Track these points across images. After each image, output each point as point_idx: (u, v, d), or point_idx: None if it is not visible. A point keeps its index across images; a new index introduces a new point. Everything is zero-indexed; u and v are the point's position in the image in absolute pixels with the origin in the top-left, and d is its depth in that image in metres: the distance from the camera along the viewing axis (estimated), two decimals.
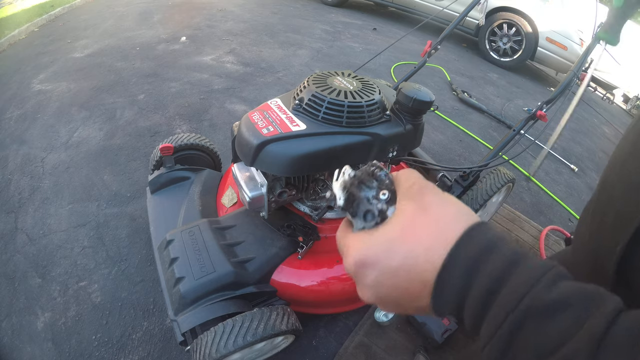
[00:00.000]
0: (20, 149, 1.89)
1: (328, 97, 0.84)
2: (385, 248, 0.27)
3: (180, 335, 0.86)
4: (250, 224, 1.06)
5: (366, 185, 0.32)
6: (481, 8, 3.74)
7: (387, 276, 0.27)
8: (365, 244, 0.29)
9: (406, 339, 1.19)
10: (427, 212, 0.28)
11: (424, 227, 0.27)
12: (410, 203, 0.29)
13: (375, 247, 0.28)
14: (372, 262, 0.28)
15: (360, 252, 0.28)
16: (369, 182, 0.33)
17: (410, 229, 0.27)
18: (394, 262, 0.27)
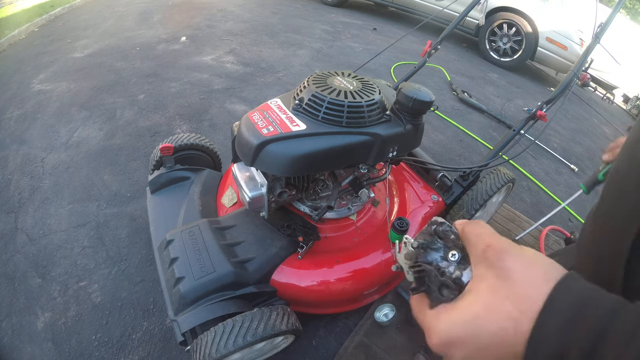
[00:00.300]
0: (20, 149, 1.89)
1: (328, 97, 0.84)
2: (470, 327, 0.26)
3: (180, 335, 0.86)
4: (250, 224, 1.06)
5: (432, 248, 0.32)
6: (481, 8, 3.74)
7: (477, 353, 0.26)
8: (448, 323, 0.27)
9: (406, 339, 1.19)
10: (510, 282, 0.25)
11: (508, 299, 0.25)
12: (488, 272, 0.27)
13: (460, 326, 0.27)
14: (459, 342, 0.27)
15: (445, 333, 0.27)
16: (433, 244, 0.32)
17: (493, 303, 0.25)
18: (482, 340, 0.26)
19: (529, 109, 3.03)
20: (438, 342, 0.28)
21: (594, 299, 0.23)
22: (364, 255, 1.07)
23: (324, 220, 1.11)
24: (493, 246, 0.27)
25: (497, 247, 0.27)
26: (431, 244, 0.31)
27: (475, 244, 0.28)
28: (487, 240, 0.28)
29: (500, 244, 0.27)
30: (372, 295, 1.22)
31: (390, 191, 1.29)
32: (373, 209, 1.20)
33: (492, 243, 0.27)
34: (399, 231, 1.04)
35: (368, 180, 1.08)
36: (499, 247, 0.27)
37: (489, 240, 0.28)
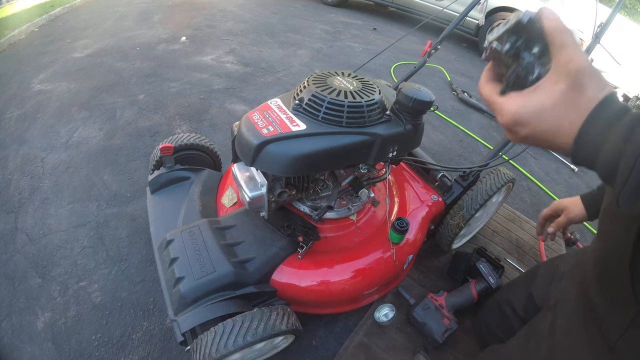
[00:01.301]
0: (20, 149, 1.89)
1: (328, 97, 0.84)
2: (536, 115, 0.34)
3: (180, 335, 0.86)
4: (250, 224, 1.06)
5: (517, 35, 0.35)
6: (481, 8, 3.74)
7: (537, 134, 0.35)
8: (519, 107, 0.35)
9: (406, 339, 1.19)
10: (579, 95, 0.32)
11: (572, 106, 0.32)
12: (565, 79, 0.32)
13: (528, 111, 0.34)
14: (525, 122, 0.35)
15: (515, 115, 0.35)
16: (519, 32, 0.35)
17: (560, 104, 0.32)
18: (543, 126, 0.34)
19: None
20: (508, 119, 0.36)
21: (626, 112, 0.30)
22: (364, 255, 1.07)
23: (324, 220, 1.11)
24: (575, 61, 0.31)
25: (580, 64, 0.31)
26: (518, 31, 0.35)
27: (559, 50, 0.32)
28: (572, 53, 0.32)
29: (582, 62, 0.31)
30: (372, 295, 1.22)
31: (390, 191, 1.29)
32: (373, 209, 1.20)
33: (574, 58, 0.31)
34: (399, 231, 1.04)
35: (368, 180, 1.08)
36: (580, 65, 0.31)
37: (573, 55, 0.32)
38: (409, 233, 1.15)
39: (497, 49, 0.37)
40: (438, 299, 1.19)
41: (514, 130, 0.36)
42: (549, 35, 0.33)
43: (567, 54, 0.32)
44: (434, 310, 1.16)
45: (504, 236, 1.63)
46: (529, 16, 0.34)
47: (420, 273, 1.42)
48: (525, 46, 0.35)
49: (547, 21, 0.33)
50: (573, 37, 0.33)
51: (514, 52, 0.36)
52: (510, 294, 1.03)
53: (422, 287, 1.37)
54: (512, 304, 0.98)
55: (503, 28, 0.36)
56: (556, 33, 0.33)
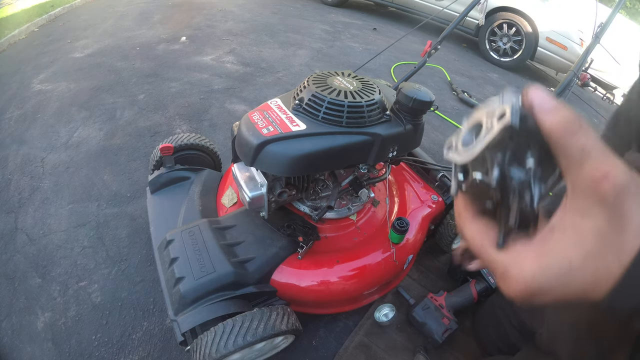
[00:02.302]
0: (20, 149, 1.89)
1: (328, 97, 0.84)
2: (563, 277, 0.21)
3: (180, 335, 0.86)
4: (250, 224, 1.06)
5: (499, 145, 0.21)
6: (481, 8, 3.74)
7: (562, 300, 0.22)
8: (536, 271, 0.22)
9: (406, 339, 1.19)
10: (624, 231, 0.19)
11: (614, 251, 0.20)
12: (598, 210, 0.20)
13: (551, 275, 0.21)
14: (546, 291, 0.22)
15: (533, 281, 0.22)
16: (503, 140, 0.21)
17: (596, 254, 0.20)
18: (571, 291, 0.22)
19: None
20: (521, 292, 0.23)
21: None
22: (364, 255, 1.07)
23: (324, 220, 1.11)
24: (611, 178, 0.19)
25: (617, 180, 0.19)
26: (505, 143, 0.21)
27: (579, 164, 0.20)
28: (602, 165, 0.19)
29: (619, 175, 0.19)
30: (372, 295, 1.22)
31: (390, 191, 1.29)
32: (373, 209, 1.20)
33: (610, 173, 0.19)
34: (399, 231, 1.04)
35: (368, 180, 1.08)
36: (618, 182, 0.19)
37: (605, 168, 0.19)
38: (409, 233, 1.15)
39: (484, 182, 0.23)
40: (438, 299, 1.19)
41: (529, 301, 0.23)
42: (555, 141, 0.20)
43: (593, 168, 0.19)
44: (434, 310, 1.16)
45: None
46: (519, 114, 0.21)
47: (420, 273, 1.42)
48: (512, 158, 0.22)
49: (546, 116, 0.20)
50: (592, 133, 0.20)
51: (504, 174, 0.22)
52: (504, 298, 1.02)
53: (422, 287, 1.37)
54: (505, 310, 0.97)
55: (478, 140, 0.22)
56: (566, 135, 0.20)
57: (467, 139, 0.24)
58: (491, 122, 0.22)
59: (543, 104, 0.21)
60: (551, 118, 0.20)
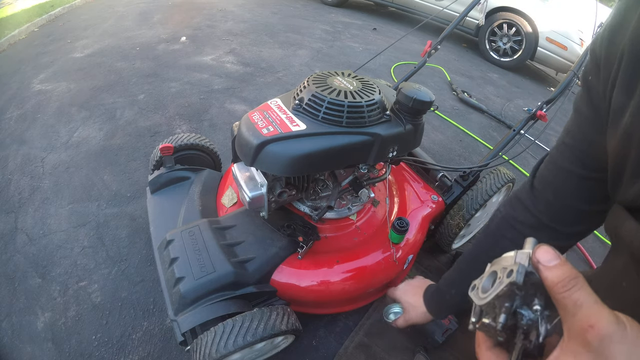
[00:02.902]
0: (20, 149, 1.89)
1: (328, 97, 0.84)
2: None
3: (180, 335, 0.86)
4: (250, 224, 1.06)
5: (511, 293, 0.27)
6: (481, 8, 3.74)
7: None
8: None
9: (406, 339, 1.19)
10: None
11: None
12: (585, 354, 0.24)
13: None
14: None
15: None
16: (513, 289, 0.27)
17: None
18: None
19: (529, 109, 3.03)
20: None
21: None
22: (364, 255, 1.07)
23: (324, 220, 1.11)
24: (596, 328, 0.24)
25: (601, 331, 0.24)
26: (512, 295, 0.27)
27: (572, 314, 0.25)
28: (590, 317, 0.24)
29: (604, 326, 0.24)
30: (372, 295, 1.22)
31: (390, 191, 1.29)
32: (373, 209, 1.20)
33: (595, 324, 0.24)
34: (399, 231, 1.04)
35: (368, 180, 1.08)
36: (602, 332, 0.24)
37: (592, 319, 0.24)
38: (409, 233, 1.15)
39: (491, 325, 0.29)
40: None
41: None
42: (553, 294, 0.26)
43: (583, 318, 0.24)
44: None
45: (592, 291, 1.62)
46: (524, 272, 0.26)
47: (420, 273, 1.42)
48: (523, 302, 0.27)
49: (547, 272, 0.26)
50: (586, 288, 0.25)
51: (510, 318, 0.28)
52: None
53: None
54: None
55: (492, 290, 0.28)
56: (563, 288, 0.25)
57: (486, 284, 0.29)
58: (502, 276, 0.27)
59: (546, 263, 0.26)
60: (551, 275, 0.25)
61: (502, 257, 0.30)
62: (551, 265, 0.26)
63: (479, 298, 0.29)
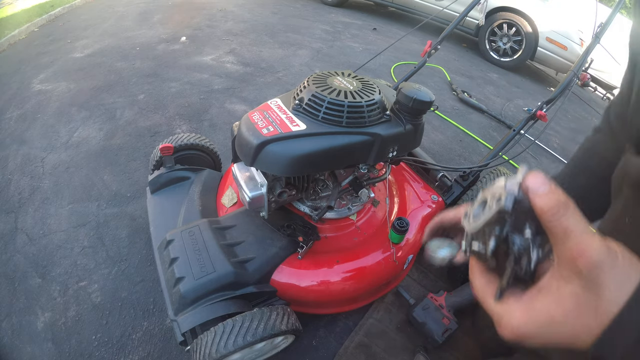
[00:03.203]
0: (20, 149, 1.89)
1: (328, 97, 0.84)
2: (544, 329, 0.26)
3: (180, 335, 0.86)
4: (250, 224, 1.06)
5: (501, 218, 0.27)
6: (481, 8, 3.74)
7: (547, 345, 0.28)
8: (523, 321, 0.27)
9: (406, 339, 1.19)
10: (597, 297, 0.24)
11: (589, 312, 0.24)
12: (575, 279, 0.25)
13: (534, 326, 0.27)
14: (531, 338, 0.27)
15: (518, 330, 0.28)
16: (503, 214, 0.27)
17: (574, 313, 0.25)
18: (554, 338, 0.27)
19: (529, 109, 3.03)
20: (509, 335, 0.28)
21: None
22: (364, 255, 1.07)
23: (324, 220, 1.11)
24: (586, 256, 0.24)
25: (591, 258, 0.24)
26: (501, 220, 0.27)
27: (562, 242, 0.25)
28: (579, 244, 0.24)
29: (594, 254, 0.24)
30: (372, 295, 1.22)
31: (390, 191, 1.29)
32: (373, 209, 1.20)
33: (585, 252, 0.24)
34: (399, 231, 1.04)
35: (368, 180, 1.08)
36: (593, 260, 0.24)
37: (582, 246, 0.24)
38: (409, 233, 1.15)
39: (480, 252, 0.30)
40: (438, 299, 1.19)
41: (519, 343, 0.29)
42: (544, 221, 0.26)
43: (573, 246, 0.24)
44: (434, 310, 1.16)
45: None
46: (513, 198, 0.26)
47: (420, 273, 1.42)
48: (514, 228, 0.27)
49: (537, 199, 0.25)
50: (576, 216, 0.25)
51: (500, 244, 0.28)
52: None
53: (422, 287, 1.37)
54: None
55: (482, 216, 0.28)
56: (553, 216, 0.25)
57: (477, 212, 0.29)
58: (492, 203, 0.27)
59: (536, 189, 0.26)
60: (541, 202, 0.25)
61: (493, 185, 0.30)
62: (541, 192, 0.25)
63: (470, 225, 0.30)
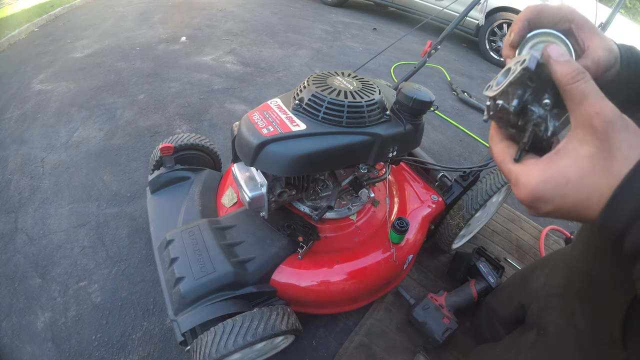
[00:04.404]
0: (20, 149, 1.89)
1: (328, 97, 0.84)
2: (561, 190, 0.27)
3: (180, 335, 0.86)
4: (250, 224, 1.06)
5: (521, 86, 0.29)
6: (481, 8, 3.74)
7: (562, 210, 0.28)
8: (540, 182, 0.28)
9: (406, 339, 1.19)
10: (611, 157, 0.25)
11: (603, 173, 0.26)
12: (591, 139, 0.26)
13: (551, 186, 0.28)
14: (547, 199, 0.28)
15: (535, 190, 0.29)
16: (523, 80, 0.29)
17: (588, 173, 0.26)
18: (570, 201, 0.27)
19: None
20: (526, 196, 0.29)
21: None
22: (364, 255, 1.07)
23: (324, 220, 1.11)
24: (602, 115, 0.25)
25: (607, 117, 0.25)
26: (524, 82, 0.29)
27: (580, 103, 0.26)
28: (595, 105, 0.26)
29: (609, 113, 0.25)
30: (372, 295, 1.22)
31: (390, 191, 1.29)
32: (373, 209, 1.20)
33: (601, 110, 0.25)
34: (399, 231, 1.04)
35: (368, 180, 1.08)
36: (608, 118, 0.25)
37: (598, 107, 0.26)
38: (409, 233, 1.15)
39: (505, 107, 0.31)
40: (438, 299, 1.19)
41: (534, 206, 0.30)
42: (562, 85, 0.27)
43: (589, 106, 0.26)
44: (434, 310, 1.16)
45: (504, 236, 1.64)
46: (536, 60, 0.28)
47: (420, 273, 1.42)
48: (534, 98, 0.30)
49: (557, 65, 0.27)
50: (592, 83, 0.27)
51: (521, 108, 0.30)
52: (497, 301, 1.01)
53: (422, 287, 1.37)
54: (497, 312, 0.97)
55: (505, 79, 0.30)
56: (572, 79, 0.27)
57: (500, 79, 0.31)
58: (515, 67, 0.29)
59: (556, 57, 0.28)
60: (561, 68, 0.27)
61: (515, 57, 0.32)
62: (561, 60, 0.27)
63: (494, 90, 0.31)
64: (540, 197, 0.29)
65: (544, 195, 0.28)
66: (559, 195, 0.28)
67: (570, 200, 0.27)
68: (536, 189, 0.28)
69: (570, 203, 0.27)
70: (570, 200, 0.27)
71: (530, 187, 0.29)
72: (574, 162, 0.27)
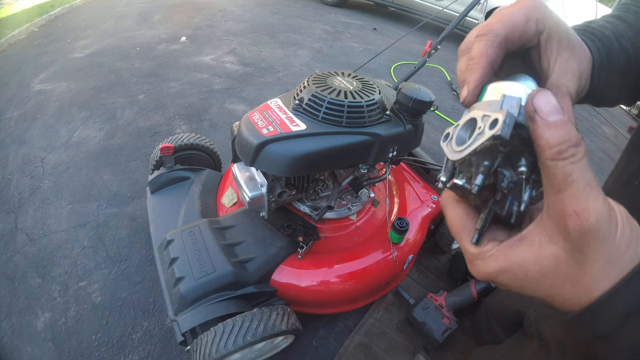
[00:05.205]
0: (20, 149, 1.89)
1: (328, 97, 0.84)
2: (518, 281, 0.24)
3: (180, 335, 0.86)
4: (250, 224, 1.06)
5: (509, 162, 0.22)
6: (481, 8, 3.74)
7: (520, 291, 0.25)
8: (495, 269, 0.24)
9: (406, 339, 1.19)
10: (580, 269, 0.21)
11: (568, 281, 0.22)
12: (562, 241, 0.21)
13: (507, 276, 0.24)
14: (503, 285, 0.25)
15: (491, 276, 0.25)
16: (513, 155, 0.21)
17: (552, 277, 0.22)
18: (526, 292, 0.24)
19: None
20: (481, 277, 0.26)
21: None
22: (364, 255, 1.07)
23: (324, 220, 1.11)
24: (581, 218, 0.19)
25: (585, 222, 0.19)
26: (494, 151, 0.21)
27: (558, 191, 0.20)
28: (577, 201, 0.19)
29: (590, 218, 0.19)
30: (372, 295, 1.22)
31: (390, 191, 1.29)
32: (373, 209, 1.20)
33: (581, 211, 0.19)
34: (399, 231, 1.04)
35: (368, 180, 1.08)
36: (587, 224, 0.19)
37: (579, 205, 0.19)
38: (409, 233, 1.15)
39: (465, 188, 0.24)
40: (438, 299, 1.19)
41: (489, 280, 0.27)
42: (543, 158, 0.20)
43: (569, 199, 0.19)
44: (434, 310, 1.16)
45: None
46: (513, 123, 0.20)
47: (420, 273, 1.42)
48: (506, 162, 0.22)
49: (544, 130, 0.20)
50: (584, 163, 0.20)
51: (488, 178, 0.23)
52: (495, 303, 1.01)
53: (422, 287, 1.37)
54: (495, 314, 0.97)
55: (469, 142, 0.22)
56: (557, 154, 0.19)
57: (462, 135, 0.23)
58: (484, 126, 0.21)
59: (546, 116, 0.20)
60: (548, 135, 0.20)
61: (482, 100, 0.24)
62: (551, 121, 0.20)
63: (453, 152, 0.23)
64: (495, 282, 0.26)
65: (499, 282, 0.25)
66: (515, 285, 0.24)
67: (527, 291, 0.24)
68: (491, 276, 0.25)
69: (528, 293, 0.24)
70: (527, 291, 0.24)
71: (484, 272, 0.25)
72: (535, 259, 0.22)
